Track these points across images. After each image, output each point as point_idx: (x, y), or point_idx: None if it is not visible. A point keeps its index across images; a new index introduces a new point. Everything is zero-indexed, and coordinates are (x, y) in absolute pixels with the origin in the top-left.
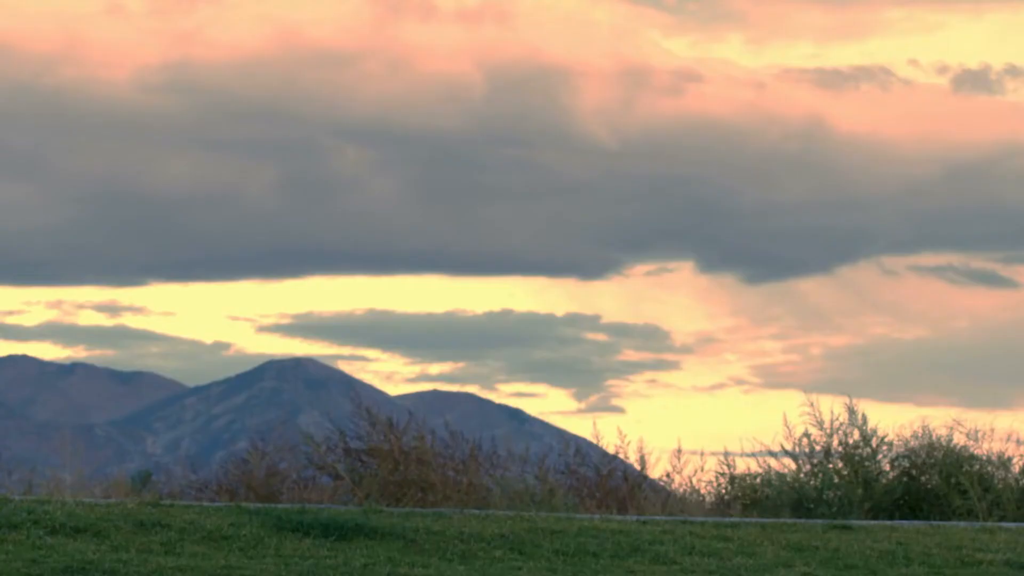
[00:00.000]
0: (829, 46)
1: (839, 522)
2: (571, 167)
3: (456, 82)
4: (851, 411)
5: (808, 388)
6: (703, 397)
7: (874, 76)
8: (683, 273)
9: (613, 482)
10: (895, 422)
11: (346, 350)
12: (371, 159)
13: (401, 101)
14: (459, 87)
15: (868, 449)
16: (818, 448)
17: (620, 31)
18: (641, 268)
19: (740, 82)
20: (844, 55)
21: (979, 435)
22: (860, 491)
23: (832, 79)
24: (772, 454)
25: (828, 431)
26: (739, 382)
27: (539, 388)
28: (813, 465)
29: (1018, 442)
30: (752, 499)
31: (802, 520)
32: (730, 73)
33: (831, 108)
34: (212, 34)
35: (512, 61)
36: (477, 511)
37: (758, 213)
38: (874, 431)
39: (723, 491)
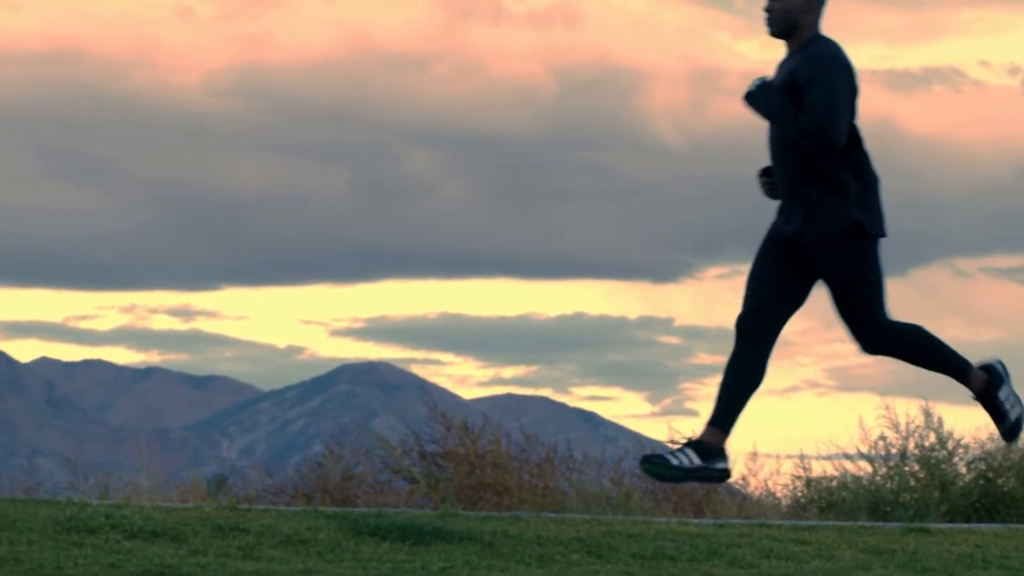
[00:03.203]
0: (900, 47)
1: (916, 525)
2: (642, 170)
3: (526, 85)
4: (927, 414)
5: (882, 391)
6: (777, 400)
7: (945, 77)
8: None
9: (689, 486)
10: (971, 425)
11: (419, 354)
12: (442, 162)
13: (471, 104)
14: (529, 90)
15: (944, 452)
16: (894, 451)
17: (689, 33)
18: (713, 271)
19: None
20: (915, 56)
21: None
22: (936, 494)
23: (903, 81)
24: (848, 457)
25: (904, 434)
26: (813, 385)
27: (613, 391)
28: (889, 468)
29: None
30: (828, 502)
31: (879, 523)
32: None
33: (902, 109)
34: (281, 38)
35: (582, 63)
36: (554, 515)
37: None
38: (950, 434)
39: (799, 494)
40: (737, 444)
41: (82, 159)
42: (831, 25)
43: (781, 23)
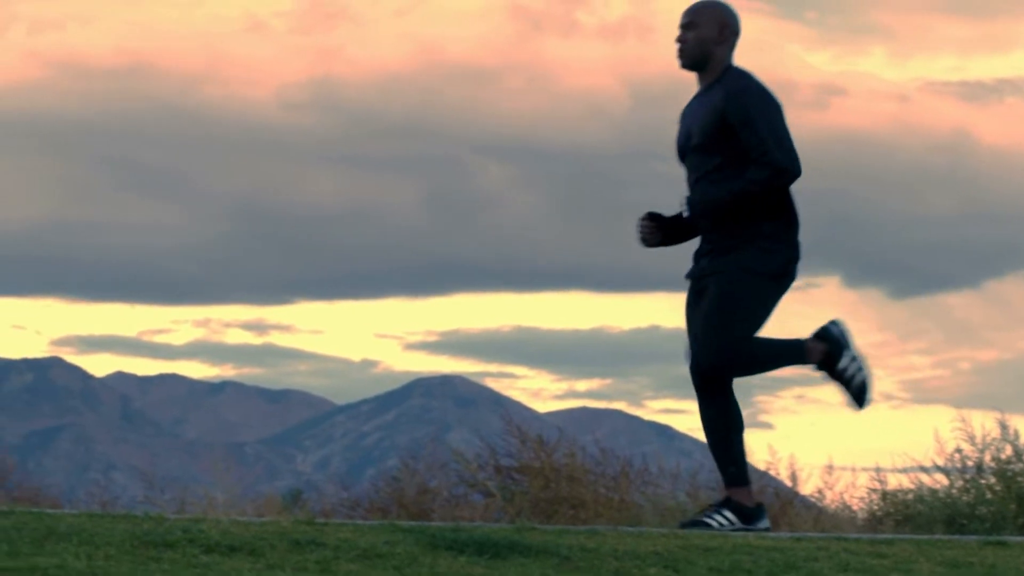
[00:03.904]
0: (973, 58)
1: (994, 538)
2: None
3: (598, 97)
4: (1003, 426)
5: (957, 403)
6: (852, 413)
7: (1019, 88)
8: (829, 288)
9: (764, 498)
10: None
11: (493, 367)
12: (514, 175)
13: (544, 117)
14: (602, 102)
15: (1021, 465)
16: (970, 464)
17: (762, 45)
18: None
19: (884, 95)
20: (988, 67)
21: None
22: (1013, 507)
23: (976, 92)
24: (924, 470)
25: (980, 446)
26: (888, 397)
27: (687, 404)
28: (965, 481)
29: None
30: (904, 515)
31: (956, 536)
32: (873, 86)
33: (976, 121)
34: (353, 51)
35: (654, 75)
36: (630, 528)
37: (904, 227)
38: None
39: (875, 507)
40: (813, 457)
41: (155, 173)
42: (903, 38)
43: (693, 55)
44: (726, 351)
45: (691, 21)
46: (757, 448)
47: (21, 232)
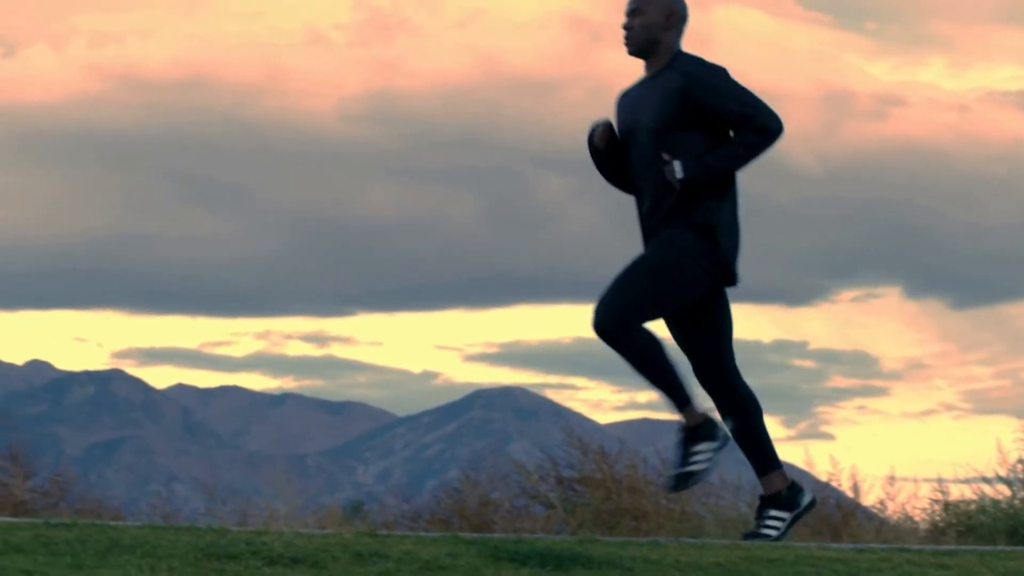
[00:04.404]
0: None
1: None
2: (775, 193)
3: None
4: None
5: (1019, 413)
6: (913, 423)
7: None
8: (890, 298)
9: (826, 510)
10: None
11: (553, 379)
12: (573, 187)
13: None
14: None
15: None
16: None
17: (821, 56)
18: (848, 294)
19: (943, 105)
20: None
21: None
22: None
23: None
24: (986, 480)
25: None
26: (949, 408)
27: None
28: None
29: None
30: (967, 526)
31: (1019, 548)
32: (933, 96)
33: None
34: (413, 64)
35: None
36: (693, 540)
37: (964, 237)
38: None
39: (937, 518)
40: (875, 468)
41: (215, 186)
42: (962, 48)
43: (640, 41)
44: (619, 316)
45: (637, 7)
46: (818, 459)
47: (82, 245)
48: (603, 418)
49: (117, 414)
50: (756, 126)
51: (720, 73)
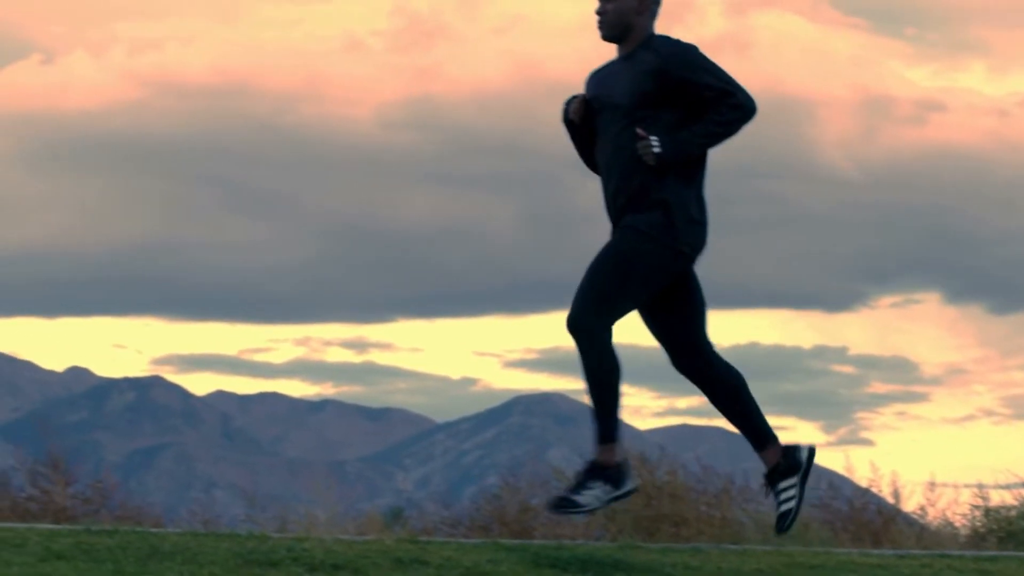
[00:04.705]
0: None
1: None
2: (814, 198)
3: None
4: None
5: None
6: (953, 429)
7: None
8: (930, 304)
9: (867, 515)
10: None
11: None
12: None
13: None
14: None
15: None
16: None
17: (860, 61)
18: (887, 299)
19: (983, 110)
20: None
21: None
22: None
23: None
24: None
25: None
26: (989, 413)
27: (787, 421)
28: None
29: None
30: (1008, 532)
31: None
32: (973, 102)
33: None
34: (451, 70)
35: (753, 91)
36: (734, 546)
37: (1004, 242)
38: None
39: (978, 524)
40: (915, 474)
41: (254, 192)
42: (1002, 53)
43: (614, 25)
44: (591, 311)
45: None
46: (859, 465)
47: (121, 252)
48: (643, 424)
49: (157, 421)
50: (734, 102)
51: (694, 50)
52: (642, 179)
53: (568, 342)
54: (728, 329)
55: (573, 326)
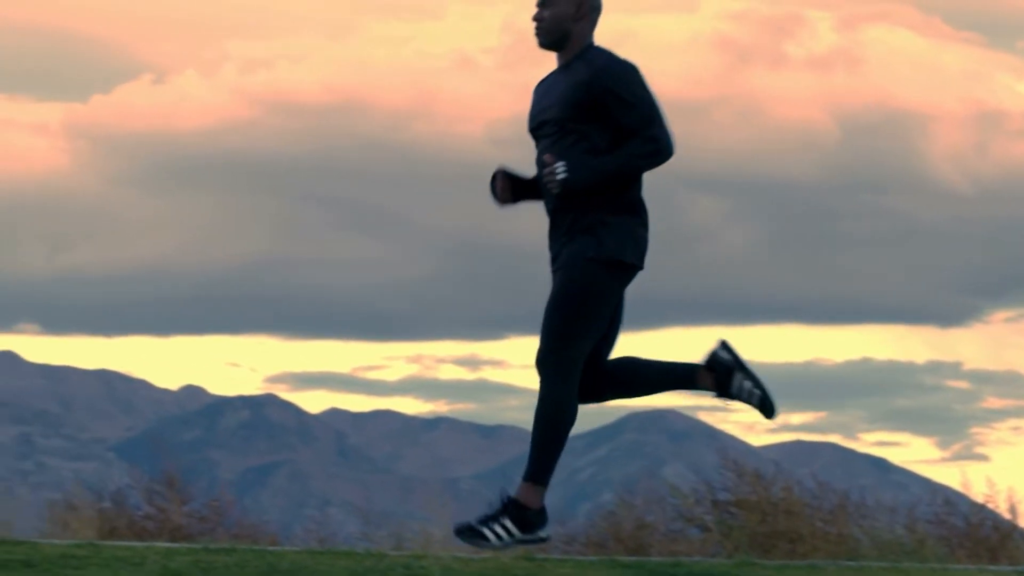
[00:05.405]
0: None
1: None
2: (926, 212)
3: (808, 129)
4: None
5: None
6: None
7: None
8: None
9: (982, 531)
10: None
11: (706, 400)
12: (725, 208)
13: (753, 150)
14: (811, 134)
15: None
16: None
17: (971, 75)
18: (1001, 314)
19: None
20: None
21: None
22: None
23: None
24: None
25: None
26: None
27: (902, 437)
28: None
29: None
30: None
31: None
32: None
33: None
34: None
35: (864, 107)
36: (851, 563)
37: None
38: None
39: None
40: None
41: (366, 210)
42: None
43: (550, 32)
44: (552, 350)
45: None
46: (975, 481)
47: (234, 270)
48: (757, 440)
49: (271, 439)
50: (651, 135)
51: (629, 70)
52: (572, 201)
53: (682, 358)
54: (841, 345)
55: (540, 365)
